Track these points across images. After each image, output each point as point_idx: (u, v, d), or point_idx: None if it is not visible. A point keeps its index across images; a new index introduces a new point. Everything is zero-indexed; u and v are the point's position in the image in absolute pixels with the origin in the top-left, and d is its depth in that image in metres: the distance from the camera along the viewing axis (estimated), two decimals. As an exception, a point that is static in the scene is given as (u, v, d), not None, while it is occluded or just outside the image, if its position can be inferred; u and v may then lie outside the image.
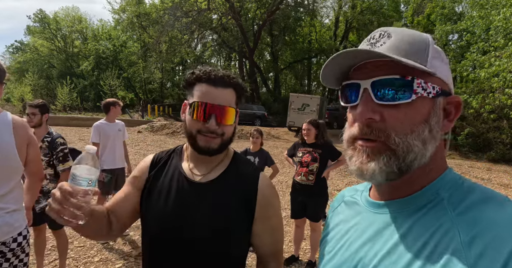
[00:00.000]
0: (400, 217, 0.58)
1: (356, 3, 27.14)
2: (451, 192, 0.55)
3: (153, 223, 1.14)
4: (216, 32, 28.36)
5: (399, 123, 0.55)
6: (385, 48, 0.57)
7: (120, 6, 33.99)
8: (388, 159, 0.55)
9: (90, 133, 4.15)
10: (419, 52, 0.57)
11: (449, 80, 0.61)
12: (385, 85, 0.56)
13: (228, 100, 1.09)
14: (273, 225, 1.18)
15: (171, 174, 1.18)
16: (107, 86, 26.23)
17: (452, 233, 0.49)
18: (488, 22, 12.45)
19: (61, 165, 3.03)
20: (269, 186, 1.18)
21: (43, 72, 35.72)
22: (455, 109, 0.60)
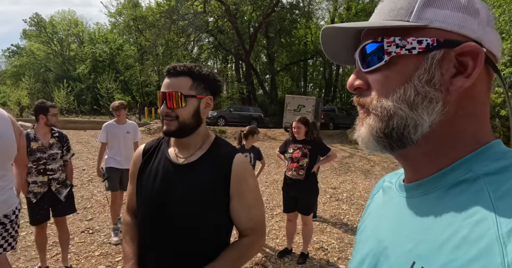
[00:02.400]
0: (428, 200, 0.50)
1: (351, 5, 27.40)
2: (492, 169, 0.45)
3: (142, 202, 1.31)
4: (212, 34, 28.53)
5: (379, 86, 0.52)
6: (374, 13, 0.57)
7: (117, 9, 34.14)
8: (371, 122, 0.53)
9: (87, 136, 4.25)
10: (403, 7, 0.51)
11: (465, 27, 0.48)
12: (366, 52, 0.54)
13: (177, 86, 1.22)
14: (249, 201, 1.27)
15: (159, 159, 1.33)
16: (104, 89, 26.28)
17: (490, 221, 0.39)
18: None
19: (69, 154, 3.45)
20: (243, 164, 1.28)
21: (39, 75, 35.78)
22: (472, 59, 0.47)
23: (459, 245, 0.40)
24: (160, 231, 1.24)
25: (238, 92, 28.40)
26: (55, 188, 3.29)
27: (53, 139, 3.31)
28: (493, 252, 0.36)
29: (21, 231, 4.33)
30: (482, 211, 0.41)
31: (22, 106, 27.18)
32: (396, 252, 0.51)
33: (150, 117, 23.70)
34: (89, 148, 10.71)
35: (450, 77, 0.48)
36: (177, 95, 1.20)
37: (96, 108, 28.13)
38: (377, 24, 0.51)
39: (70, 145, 3.49)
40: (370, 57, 0.53)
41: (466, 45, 0.47)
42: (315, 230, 4.70)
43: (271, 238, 4.47)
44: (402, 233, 0.51)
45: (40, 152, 3.20)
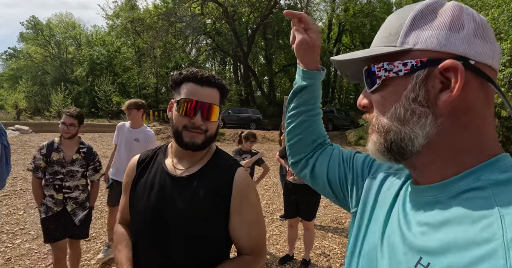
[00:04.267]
0: (438, 202, 0.53)
1: (349, 6, 27.40)
2: (500, 179, 0.48)
3: (137, 216, 1.22)
4: (210, 36, 28.52)
5: (377, 106, 0.59)
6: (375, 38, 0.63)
7: (114, 12, 34.01)
8: (375, 139, 0.59)
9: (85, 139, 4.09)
10: (392, 33, 0.57)
11: (451, 45, 0.51)
12: (364, 75, 0.61)
13: (213, 98, 1.17)
14: (250, 219, 1.20)
15: (155, 170, 1.26)
16: (101, 92, 26.16)
17: (496, 227, 0.42)
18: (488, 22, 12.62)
19: (97, 174, 3.05)
20: (245, 180, 1.22)
21: (37, 78, 35.70)
22: (454, 75, 0.50)
23: (466, 246, 0.43)
24: (157, 245, 1.17)
25: (237, 94, 28.33)
26: (71, 208, 2.90)
27: (78, 155, 2.92)
28: (498, 255, 0.39)
29: (16, 239, 4.23)
30: (489, 217, 0.43)
31: (19, 109, 27.04)
32: (403, 247, 0.53)
33: (148, 120, 23.59)
34: (86, 151, 10.60)
35: (438, 92, 0.52)
36: (216, 108, 1.17)
37: (93, 111, 28.02)
38: (365, 54, 0.57)
39: (100, 165, 3.07)
40: (369, 80, 0.59)
41: (446, 62, 0.50)
42: (317, 235, 4.61)
43: (272, 244, 4.37)
44: (411, 231, 0.54)
45: (59, 165, 2.84)
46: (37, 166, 2.83)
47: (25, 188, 6.24)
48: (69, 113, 2.83)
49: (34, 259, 3.70)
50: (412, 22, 0.54)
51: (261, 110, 23.60)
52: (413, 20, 0.55)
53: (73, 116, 2.83)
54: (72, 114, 2.83)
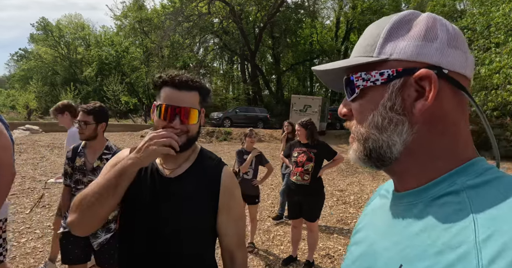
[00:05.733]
0: (415, 208, 0.55)
1: (357, 4, 27.13)
2: (473, 183, 0.50)
3: (130, 214, 1.24)
4: (217, 35, 28.50)
5: (355, 114, 0.61)
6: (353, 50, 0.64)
7: (122, 12, 34.27)
8: (356, 146, 0.61)
9: None
10: (369, 44, 0.59)
11: (425, 55, 0.53)
12: (345, 84, 0.62)
13: (191, 102, 1.20)
14: (236, 215, 1.29)
15: (145, 168, 1.26)
16: (110, 92, 26.40)
17: (470, 229, 0.44)
18: (488, 19, 12.38)
19: None
20: (231, 178, 1.30)
21: (47, 79, 36.11)
22: (428, 83, 0.52)
23: (441, 251, 0.45)
24: (150, 239, 1.20)
25: (244, 93, 28.30)
26: None
27: (99, 162, 2.40)
28: (470, 256, 0.41)
29: (21, 237, 4.27)
30: (463, 221, 0.45)
31: (30, 109, 27.44)
32: (385, 255, 0.56)
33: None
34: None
35: (413, 100, 0.54)
36: (194, 112, 1.19)
37: (102, 110, 28.25)
38: (344, 63, 0.59)
39: None
40: (349, 89, 0.61)
41: (420, 72, 0.52)
42: (322, 236, 4.55)
43: (275, 245, 4.33)
44: (392, 238, 0.57)
45: (80, 172, 2.40)
46: (65, 171, 2.50)
47: (32, 187, 6.31)
48: (82, 108, 2.41)
49: (38, 258, 3.72)
50: (388, 33, 0.56)
51: (268, 109, 23.55)
52: (389, 31, 0.56)
53: (85, 111, 2.37)
54: (84, 109, 2.38)
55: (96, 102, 2.51)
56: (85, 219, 1.11)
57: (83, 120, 2.34)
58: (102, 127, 2.42)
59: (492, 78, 10.76)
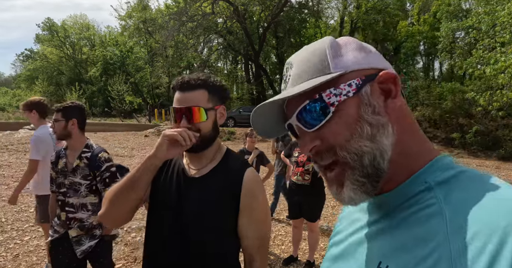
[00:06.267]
0: (390, 209, 0.57)
1: (361, 3, 27.00)
2: (441, 179, 0.53)
3: (157, 208, 1.29)
4: (221, 35, 28.52)
5: (336, 136, 0.56)
6: (291, 82, 0.61)
7: (127, 12, 34.52)
8: (350, 176, 0.55)
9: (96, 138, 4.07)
10: (317, 63, 0.58)
11: (372, 62, 0.59)
12: (305, 113, 0.58)
13: (195, 100, 1.22)
14: (258, 218, 1.25)
15: (172, 167, 1.33)
16: (115, 91, 26.54)
17: (441, 223, 0.47)
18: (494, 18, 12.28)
19: (107, 190, 2.08)
20: (254, 180, 1.26)
21: (52, 79, 36.43)
22: (392, 83, 0.57)
23: (417, 245, 0.48)
24: (174, 242, 1.23)
25: (248, 92, 28.31)
26: (75, 233, 2.21)
27: (79, 161, 2.26)
28: (444, 245, 0.45)
29: (24, 236, 4.31)
30: (435, 216, 0.48)
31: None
32: (365, 254, 0.58)
33: (160, 119, 23.81)
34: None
35: (383, 102, 0.56)
36: (199, 110, 1.20)
37: (107, 110, 28.43)
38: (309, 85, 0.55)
39: (115, 175, 2.28)
40: (312, 116, 0.57)
41: (382, 74, 0.57)
42: (322, 236, 4.55)
43: (276, 245, 4.33)
44: (370, 237, 0.59)
45: (62, 175, 2.28)
46: (50, 177, 2.41)
47: (36, 187, 6.36)
48: (55, 106, 2.35)
49: (41, 256, 3.76)
50: (332, 52, 0.58)
51: (272, 109, 23.49)
52: (331, 51, 0.59)
53: (55, 110, 2.31)
54: (54, 107, 2.33)
55: (72, 101, 2.43)
56: (112, 211, 1.21)
57: (54, 118, 2.30)
58: (74, 124, 2.29)
59: (497, 78, 10.67)
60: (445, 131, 16.05)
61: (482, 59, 11.85)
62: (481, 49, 11.83)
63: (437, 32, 20.53)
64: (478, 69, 12.11)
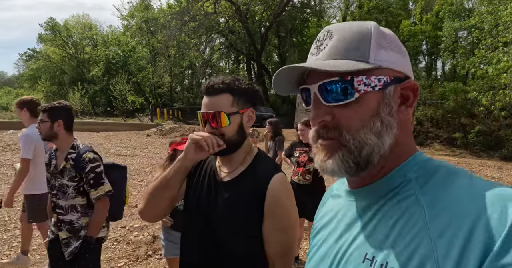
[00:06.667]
0: (372, 201, 0.61)
1: (363, 3, 26.97)
2: (419, 173, 0.57)
3: (188, 213, 1.36)
4: (223, 35, 28.57)
5: (350, 121, 0.58)
6: (326, 52, 0.61)
7: (129, 12, 34.62)
8: (343, 155, 0.58)
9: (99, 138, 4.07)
10: (360, 47, 0.58)
11: (402, 66, 0.61)
12: (330, 87, 0.59)
13: (219, 105, 1.23)
14: (282, 224, 1.22)
15: (205, 170, 1.38)
16: (117, 91, 26.60)
17: (419, 212, 0.52)
18: (497, 18, 12.23)
19: (93, 191, 2.17)
20: (280, 187, 1.23)
21: (55, 78, 36.49)
22: (412, 93, 0.61)
23: (399, 234, 0.52)
24: (205, 242, 1.26)
25: (250, 92, 28.27)
26: (65, 236, 2.20)
27: (65, 163, 2.21)
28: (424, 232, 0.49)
29: (28, 235, 4.33)
30: (413, 205, 0.54)
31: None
32: (350, 248, 0.60)
33: (162, 118, 23.87)
34: (101, 150, 10.81)
35: (398, 106, 0.60)
36: (220, 115, 1.21)
37: (109, 109, 28.50)
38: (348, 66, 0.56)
39: (100, 177, 2.21)
40: (335, 93, 0.59)
41: (409, 82, 0.61)
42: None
43: (278, 244, 4.35)
44: (353, 232, 0.62)
45: (53, 176, 2.27)
46: (46, 177, 2.38)
47: (39, 186, 6.40)
48: (40, 107, 2.30)
49: (44, 254, 3.78)
50: (377, 41, 0.59)
51: (274, 108, 23.53)
52: (376, 40, 0.59)
53: (41, 110, 2.26)
54: (40, 108, 2.29)
55: (59, 101, 2.35)
56: (149, 208, 1.29)
57: (39, 119, 2.24)
58: (60, 125, 2.23)
59: (500, 78, 10.63)
60: (447, 131, 15.99)
61: (484, 58, 11.81)
62: (483, 48, 11.79)
63: (439, 31, 20.50)
64: (481, 69, 12.07)
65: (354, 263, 0.58)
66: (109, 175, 2.31)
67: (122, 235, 4.34)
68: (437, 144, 15.68)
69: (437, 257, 0.46)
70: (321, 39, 0.63)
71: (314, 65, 0.59)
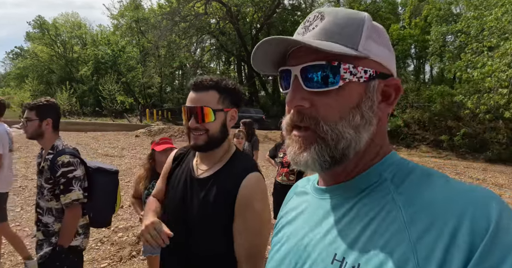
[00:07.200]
0: (345, 200, 0.58)
1: (353, 6, 27.20)
2: (394, 173, 0.55)
3: (168, 207, 1.40)
4: (214, 36, 28.53)
5: (328, 110, 0.54)
6: (315, 32, 0.56)
7: (119, 11, 34.27)
8: (319, 149, 0.55)
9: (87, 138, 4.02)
10: (351, 34, 0.55)
11: (388, 62, 0.59)
12: (314, 71, 0.54)
13: (206, 101, 1.26)
14: (252, 225, 1.20)
15: (183, 168, 1.41)
16: (106, 91, 26.32)
17: (395, 212, 0.49)
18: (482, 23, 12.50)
19: (62, 197, 2.03)
20: (253, 186, 1.22)
21: (43, 77, 35.93)
22: (394, 91, 0.58)
23: (374, 233, 0.50)
24: (181, 238, 1.27)
25: (240, 93, 28.30)
26: (41, 237, 2.10)
27: (45, 163, 2.11)
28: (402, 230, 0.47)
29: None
30: (389, 205, 0.51)
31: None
32: (318, 247, 0.57)
33: (152, 119, 23.70)
34: (88, 150, 10.69)
35: (378, 102, 0.57)
36: (207, 110, 1.23)
37: (98, 109, 28.18)
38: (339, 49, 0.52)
39: (70, 183, 2.03)
40: (318, 77, 0.54)
41: (393, 80, 0.58)
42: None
43: (264, 244, 4.37)
44: (322, 230, 0.59)
45: (38, 176, 2.19)
46: None
47: (24, 186, 6.30)
48: (25, 105, 2.21)
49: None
50: (368, 31, 0.56)
51: (264, 110, 23.55)
52: (368, 30, 0.56)
53: (27, 107, 2.15)
54: (27, 105, 2.18)
55: (46, 98, 2.26)
56: None
57: (25, 117, 2.13)
58: (48, 124, 2.14)
59: (485, 82, 10.86)
60: (434, 133, 16.26)
61: (470, 62, 12.05)
62: (469, 53, 12.02)
63: (427, 35, 20.81)
64: (467, 72, 12.31)
65: (321, 264, 0.54)
66: (95, 180, 2.19)
67: (107, 236, 4.31)
68: (424, 146, 15.91)
69: (418, 259, 0.44)
70: (310, 19, 0.59)
71: (298, 37, 0.55)
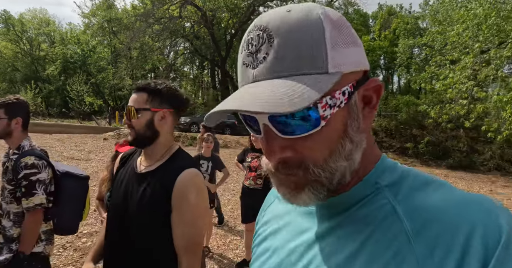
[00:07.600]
0: (338, 212, 0.52)
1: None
2: (389, 180, 0.50)
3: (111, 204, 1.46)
4: (188, 40, 28.34)
5: (316, 152, 0.46)
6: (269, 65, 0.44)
7: (91, 10, 33.40)
8: (314, 189, 0.48)
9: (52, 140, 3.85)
10: (313, 55, 0.43)
11: (361, 60, 0.48)
12: (286, 118, 0.44)
13: (134, 101, 1.38)
14: (187, 218, 1.29)
15: (128, 165, 1.47)
16: (74, 92, 25.46)
17: (399, 223, 0.45)
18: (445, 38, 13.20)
19: (24, 200, 1.89)
20: (187, 181, 1.31)
21: (6, 75, 34.36)
22: (375, 93, 0.49)
23: (378, 240, 0.45)
24: (118, 236, 1.35)
25: (214, 99, 28.25)
26: (1, 240, 1.96)
27: (9, 164, 1.99)
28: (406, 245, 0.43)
29: None
30: (389, 216, 0.46)
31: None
32: (315, 261, 0.51)
33: (121, 122, 23.13)
34: (52, 153, 10.26)
35: (361, 111, 0.49)
36: (131, 109, 1.35)
37: (65, 111, 27.19)
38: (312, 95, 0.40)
39: (32, 186, 1.89)
40: (293, 123, 0.44)
41: (371, 82, 0.49)
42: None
43: (231, 249, 4.36)
44: (316, 246, 0.52)
45: (3, 176, 2.04)
46: None
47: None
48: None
49: None
50: (331, 38, 0.43)
51: (236, 116, 23.56)
52: (331, 35, 0.44)
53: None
54: None
55: (15, 95, 2.13)
56: None
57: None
58: (18, 123, 2.02)
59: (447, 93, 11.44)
60: (400, 141, 16.93)
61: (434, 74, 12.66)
62: (433, 65, 12.64)
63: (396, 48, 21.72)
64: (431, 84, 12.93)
65: None
66: (62, 185, 2.07)
67: (70, 242, 4.15)
68: (391, 153, 16.49)
69: None
70: (255, 42, 0.46)
71: (258, 105, 0.40)
